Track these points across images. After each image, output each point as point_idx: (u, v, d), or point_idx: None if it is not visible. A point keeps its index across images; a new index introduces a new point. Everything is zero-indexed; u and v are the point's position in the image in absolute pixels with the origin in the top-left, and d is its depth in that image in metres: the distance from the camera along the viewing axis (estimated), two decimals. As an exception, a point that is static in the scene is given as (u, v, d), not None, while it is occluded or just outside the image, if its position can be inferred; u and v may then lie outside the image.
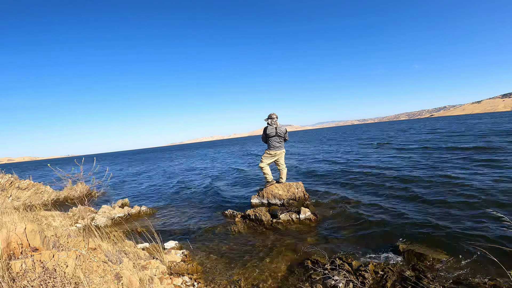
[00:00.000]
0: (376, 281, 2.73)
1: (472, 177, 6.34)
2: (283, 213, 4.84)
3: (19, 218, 3.39)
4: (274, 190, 5.73)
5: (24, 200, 8.62)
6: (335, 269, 2.87)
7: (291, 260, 3.37)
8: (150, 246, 3.64)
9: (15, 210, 4.73)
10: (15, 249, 1.93)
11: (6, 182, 9.13)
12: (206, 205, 6.63)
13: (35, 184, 9.49)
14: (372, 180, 7.32)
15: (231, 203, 6.61)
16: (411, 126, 42.98)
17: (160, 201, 7.65)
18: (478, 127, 23.08)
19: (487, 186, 5.51)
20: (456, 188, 5.69)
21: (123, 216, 6.06)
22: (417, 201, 5.16)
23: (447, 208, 4.64)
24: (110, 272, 2.09)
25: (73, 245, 2.46)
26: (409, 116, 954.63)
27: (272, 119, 5.53)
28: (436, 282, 2.56)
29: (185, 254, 3.71)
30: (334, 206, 5.41)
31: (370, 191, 6.29)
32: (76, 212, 6.13)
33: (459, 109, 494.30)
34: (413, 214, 4.51)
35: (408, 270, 2.81)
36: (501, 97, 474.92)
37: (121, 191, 10.46)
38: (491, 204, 4.57)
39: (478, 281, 2.54)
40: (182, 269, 3.17)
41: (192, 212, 6.08)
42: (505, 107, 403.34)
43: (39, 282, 1.69)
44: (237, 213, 5.37)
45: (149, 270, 2.70)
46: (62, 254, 1.94)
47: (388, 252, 3.33)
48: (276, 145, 5.61)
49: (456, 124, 31.34)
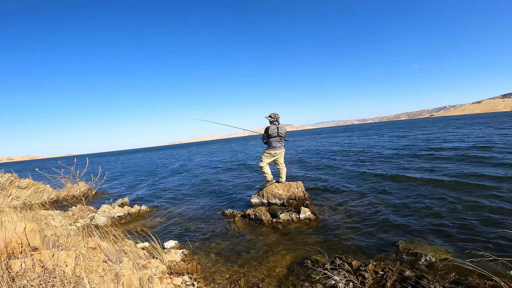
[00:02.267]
0: (376, 281, 2.73)
1: (472, 177, 6.35)
2: (283, 213, 4.84)
3: (18, 218, 3.39)
4: (274, 190, 5.73)
5: (24, 199, 8.62)
6: (335, 269, 2.87)
7: (291, 260, 3.36)
8: (150, 245, 3.64)
9: (14, 209, 4.73)
10: (15, 248, 1.93)
11: (6, 181, 9.12)
12: (206, 204, 6.63)
13: (34, 183, 9.48)
14: (372, 180, 7.32)
15: (230, 202, 6.61)
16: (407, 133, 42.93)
17: (160, 201, 7.65)
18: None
19: (487, 187, 5.52)
20: (456, 188, 5.70)
21: (122, 215, 6.06)
22: (417, 201, 5.16)
23: (447, 208, 4.64)
24: (110, 272, 2.09)
25: (73, 245, 2.45)
26: (409, 116, 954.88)
27: (276, 119, 5.57)
28: (436, 282, 2.56)
29: (185, 253, 3.71)
30: (334, 205, 5.41)
31: (370, 191, 6.28)
32: (76, 211, 6.13)
33: (459, 109, 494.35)
34: (413, 214, 4.51)
35: (408, 270, 2.81)
36: (501, 97, 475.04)
37: (121, 190, 10.45)
38: (491, 204, 4.57)
39: (478, 281, 2.54)
40: (182, 269, 3.17)
41: (192, 212, 6.07)
42: (505, 107, 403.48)
43: (39, 281, 1.69)
44: (237, 212, 5.37)
45: (149, 269, 2.69)
46: (62, 253, 1.94)
47: (388, 252, 3.33)
48: (277, 145, 5.62)
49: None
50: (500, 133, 15.89)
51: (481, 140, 13.25)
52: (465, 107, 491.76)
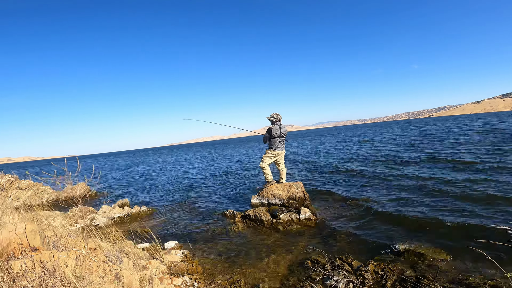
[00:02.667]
0: (376, 281, 2.73)
1: (472, 178, 6.34)
2: (283, 213, 4.84)
3: (19, 218, 3.39)
4: (274, 190, 5.73)
5: (24, 200, 8.62)
6: (335, 269, 2.87)
7: (291, 260, 3.36)
8: (150, 246, 3.64)
9: (15, 210, 4.73)
10: (15, 249, 1.93)
11: (6, 182, 9.12)
12: (206, 205, 6.63)
13: (35, 184, 9.48)
14: (372, 180, 7.32)
15: (231, 203, 6.61)
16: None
17: (160, 201, 7.65)
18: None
19: (487, 187, 5.51)
20: (456, 189, 5.69)
21: (123, 216, 6.06)
22: (417, 201, 5.15)
23: (447, 208, 4.63)
24: (110, 272, 2.09)
25: (73, 245, 2.46)
26: (409, 116, 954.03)
27: (278, 119, 5.58)
28: (436, 282, 2.56)
29: (185, 254, 3.71)
30: (334, 206, 5.41)
31: (370, 191, 6.28)
32: (76, 212, 6.13)
33: (459, 109, 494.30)
34: (413, 214, 4.51)
35: (408, 270, 2.81)
36: (501, 97, 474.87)
37: (121, 191, 10.45)
38: (492, 205, 4.57)
39: (478, 281, 2.54)
40: (182, 269, 3.17)
41: (192, 212, 6.08)
42: (505, 107, 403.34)
43: (39, 282, 1.69)
44: (237, 213, 5.37)
45: (149, 270, 2.70)
46: (62, 254, 1.94)
47: (388, 252, 3.33)
48: (278, 146, 5.63)
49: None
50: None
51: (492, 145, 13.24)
52: (465, 107, 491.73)
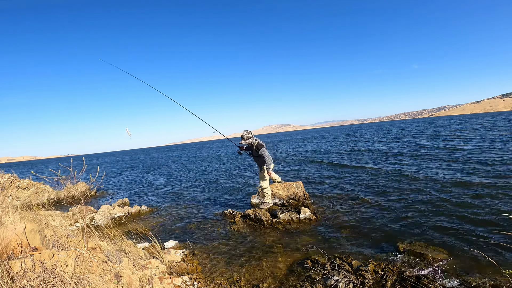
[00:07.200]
0: (376, 281, 2.73)
1: (472, 178, 6.35)
2: (283, 213, 4.84)
3: (19, 218, 3.38)
4: (274, 190, 5.73)
5: (24, 200, 8.62)
6: (335, 269, 2.87)
7: (291, 260, 3.36)
8: (150, 245, 3.64)
9: (14, 210, 4.72)
10: (15, 248, 1.93)
11: (6, 181, 9.12)
12: (206, 204, 6.63)
13: (35, 183, 9.49)
14: (372, 180, 7.32)
15: (231, 202, 6.61)
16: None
17: (160, 201, 7.65)
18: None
19: (487, 187, 5.51)
20: (456, 189, 5.69)
21: (123, 215, 6.06)
22: (417, 201, 5.15)
23: (447, 208, 4.63)
24: (110, 272, 2.09)
25: (73, 245, 2.46)
26: (409, 116, 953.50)
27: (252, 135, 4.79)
28: (436, 282, 2.56)
29: (185, 253, 3.71)
30: (334, 205, 5.41)
31: (370, 191, 6.28)
32: (76, 211, 6.13)
33: (459, 109, 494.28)
34: (413, 214, 4.50)
35: (408, 270, 2.81)
36: (501, 97, 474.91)
37: (121, 190, 10.45)
38: (492, 205, 4.57)
39: (478, 281, 2.54)
40: (182, 269, 3.17)
41: (192, 212, 6.07)
42: (505, 107, 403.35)
43: (39, 281, 1.69)
44: (237, 212, 5.36)
45: (149, 269, 2.69)
46: (61, 253, 1.94)
47: (388, 252, 3.33)
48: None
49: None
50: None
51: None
52: (465, 106, 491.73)
